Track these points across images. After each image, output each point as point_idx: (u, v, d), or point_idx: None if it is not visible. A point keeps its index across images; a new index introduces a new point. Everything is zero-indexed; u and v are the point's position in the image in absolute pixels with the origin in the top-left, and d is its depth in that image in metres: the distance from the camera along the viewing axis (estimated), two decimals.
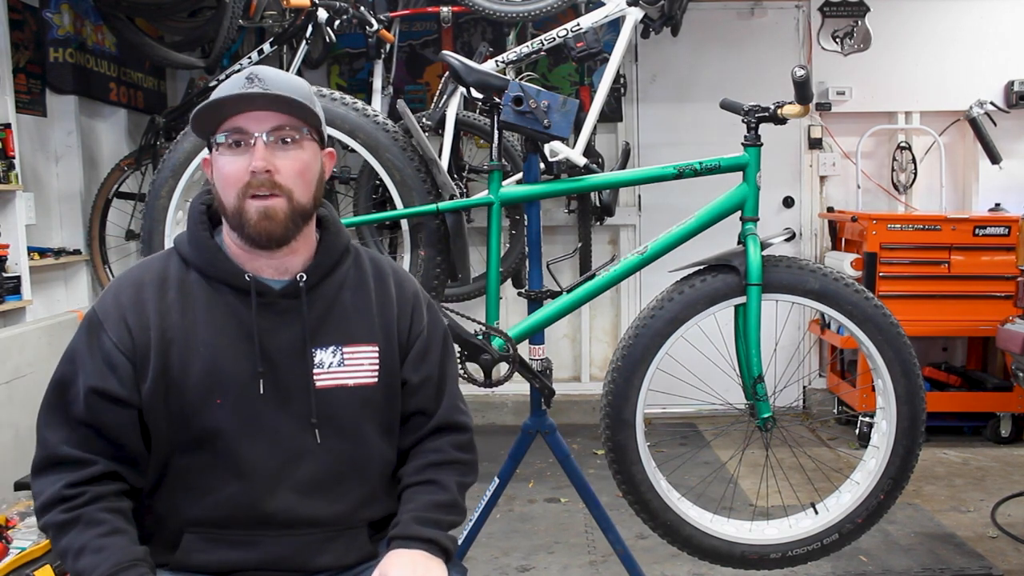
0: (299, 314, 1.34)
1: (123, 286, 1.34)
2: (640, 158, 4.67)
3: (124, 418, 1.28)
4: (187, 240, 1.37)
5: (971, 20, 4.63)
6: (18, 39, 3.42)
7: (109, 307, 1.32)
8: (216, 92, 1.33)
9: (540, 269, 2.22)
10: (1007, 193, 4.57)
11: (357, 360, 1.37)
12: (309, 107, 1.32)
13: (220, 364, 1.30)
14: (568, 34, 3.14)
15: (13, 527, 2.50)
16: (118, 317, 1.30)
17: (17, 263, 3.19)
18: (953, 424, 4.21)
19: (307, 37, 3.54)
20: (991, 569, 2.76)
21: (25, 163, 3.34)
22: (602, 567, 2.83)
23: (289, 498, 1.31)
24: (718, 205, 2.12)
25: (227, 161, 1.30)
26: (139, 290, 1.32)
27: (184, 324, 1.31)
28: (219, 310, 1.32)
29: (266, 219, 1.29)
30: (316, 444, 1.33)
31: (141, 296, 1.32)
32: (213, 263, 1.34)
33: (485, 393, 2.30)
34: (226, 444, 1.30)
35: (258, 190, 1.28)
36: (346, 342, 1.37)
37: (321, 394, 1.34)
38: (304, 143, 1.33)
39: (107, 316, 1.30)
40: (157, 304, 1.31)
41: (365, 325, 1.39)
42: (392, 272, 1.47)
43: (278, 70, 1.37)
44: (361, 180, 3.76)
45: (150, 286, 1.33)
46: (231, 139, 1.30)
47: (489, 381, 2.11)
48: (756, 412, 2.11)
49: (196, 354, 1.30)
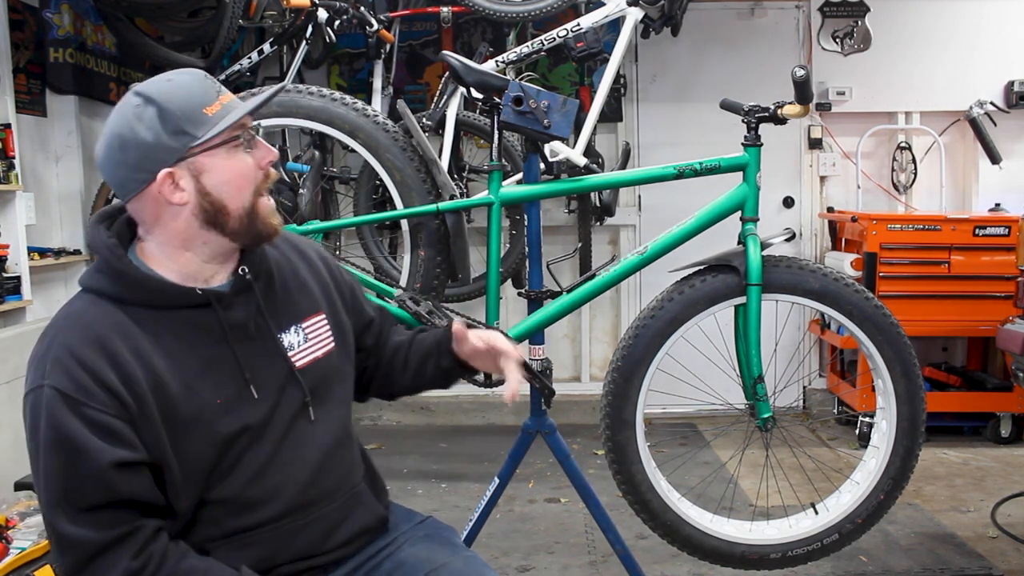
0: (256, 307, 1.34)
1: (75, 351, 1.18)
2: (640, 158, 4.67)
3: (146, 480, 1.20)
4: (113, 279, 1.25)
5: (971, 20, 4.62)
6: (18, 39, 3.42)
7: (74, 379, 1.17)
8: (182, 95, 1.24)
9: (540, 269, 2.22)
10: (1007, 193, 4.57)
11: (316, 331, 1.41)
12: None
13: (212, 385, 1.26)
14: (568, 34, 3.15)
15: (13, 527, 2.50)
16: (95, 384, 1.17)
17: (17, 263, 3.19)
18: (953, 424, 4.21)
19: (307, 37, 3.54)
20: (991, 569, 2.76)
21: (25, 163, 3.33)
22: (602, 567, 2.83)
23: (304, 481, 1.34)
24: (718, 205, 2.12)
25: (240, 161, 1.27)
26: (103, 347, 1.19)
27: (168, 361, 1.23)
28: (183, 334, 1.26)
29: (272, 215, 1.31)
30: (311, 422, 1.36)
31: (111, 351, 1.19)
32: (160, 294, 1.26)
33: (485, 393, 2.30)
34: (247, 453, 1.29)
35: (269, 184, 1.30)
36: (301, 319, 1.40)
37: (303, 372, 1.37)
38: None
39: (79, 389, 1.16)
40: (132, 354, 1.20)
41: (308, 297, 1.43)
42: (298, 240, 1.52)
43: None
44: (361, 180, 3.76)
45: (114, 338, 1.20)
46: (244, 136, 1.28)
47: (489, 381, 2.11)
48: (756, 412, 2.11)
49: (190, 386, 1.24)
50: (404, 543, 1.45)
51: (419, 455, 4.11)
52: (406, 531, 1.49)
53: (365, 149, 2.19)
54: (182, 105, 1.23)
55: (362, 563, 1.42)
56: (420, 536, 1.48)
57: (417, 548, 1.44)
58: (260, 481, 1.29)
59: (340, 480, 1.40)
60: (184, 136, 1.22)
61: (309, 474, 1.34)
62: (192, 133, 1.23)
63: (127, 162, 1.23)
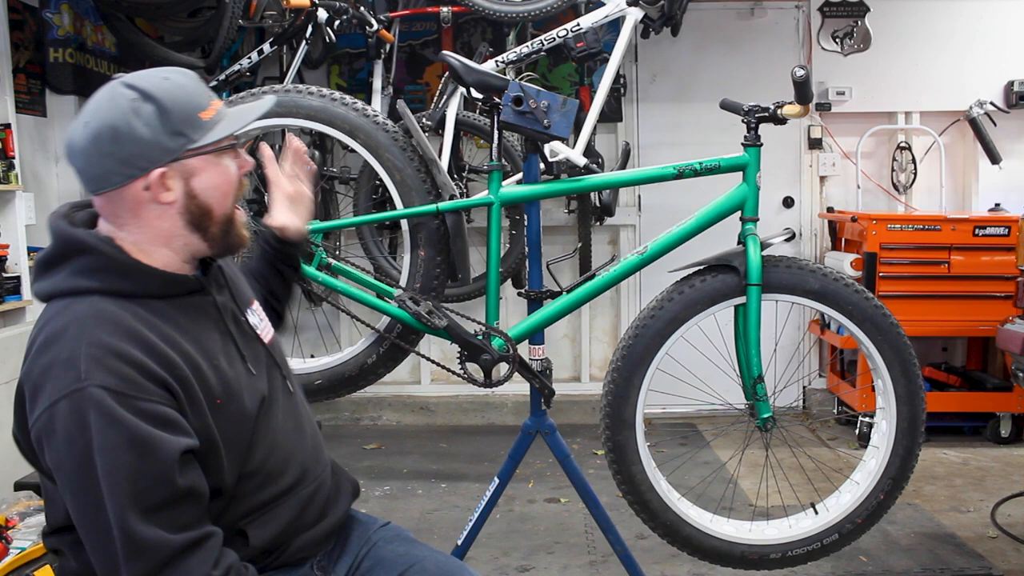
0: (229, 292, 1.39)
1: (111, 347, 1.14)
2: (640, 158, 4.67)
3: (199, 470, 1.19)
4: (119, 275, 1.22)
5: (971, 20, 4.62)
6: (18, 39, 3.42)
7: (119, 374, 1.13)
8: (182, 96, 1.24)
9: (540, 269, 2.21)
10: (1007, 193, 4.57)
11: (261, 313, 1.48)
12: None
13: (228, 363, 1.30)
14: (568, 34, 3.15)
15: (13, 527, 2.50)
16: (141, 376, 1.14)
17: (17, 263, 3.19)
18: (953, 424, 4.21)
19: (307, 37, 3.54)
20: (991, 569, 2.76)
21: (25, 163, 3.34)
22: (602, 567, 2.83)
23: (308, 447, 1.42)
24: (718, 205, 2.12)
25: (228, 166, 1.29)
26: (137, 338, 1.17)
27: (193, 344, 1.24)
28: (193, 318, 1.28)
29: (244, 225, 1.35)
30: (292, 394, 1.44)
31: (146, 341, 1.17)
32: (167, 281, 1.26)
33: (485, 393, 2.31)
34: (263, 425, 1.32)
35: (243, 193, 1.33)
36: (250, 302, 1.47)
37: (271, 348, 1.44)
38: None
39: (128, 384, 1.12)
40: (165, 341, 1.19)
41: (248, 282, 1.53)
42: None
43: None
44: (361, 180, 3.76)
45: (142, 328, 1.18)
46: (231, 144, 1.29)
47: (489, 381, 2.11)
48: (756, 412, 2.11)
49: (216, 366, 1.26)
50: (378, 541, 1.51)
51: (419, 455, 4.12)
52: (376, 531, 1.54)
53: (365, 149, 2.19)
54: (182, 106, 1.23)
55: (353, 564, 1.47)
56: (392, 536, 1.54)
57: (394, 546, 1.50)
58: (276, 451, 1.34)
59: (320, 447, 1.47)
60: (181, 138, 1.22)
61: (309, 440, 1.43)
62: (190, 136, 1.23)
63: (117, 155, 1.20)
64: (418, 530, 3.14)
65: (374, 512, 1.88)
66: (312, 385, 2.24)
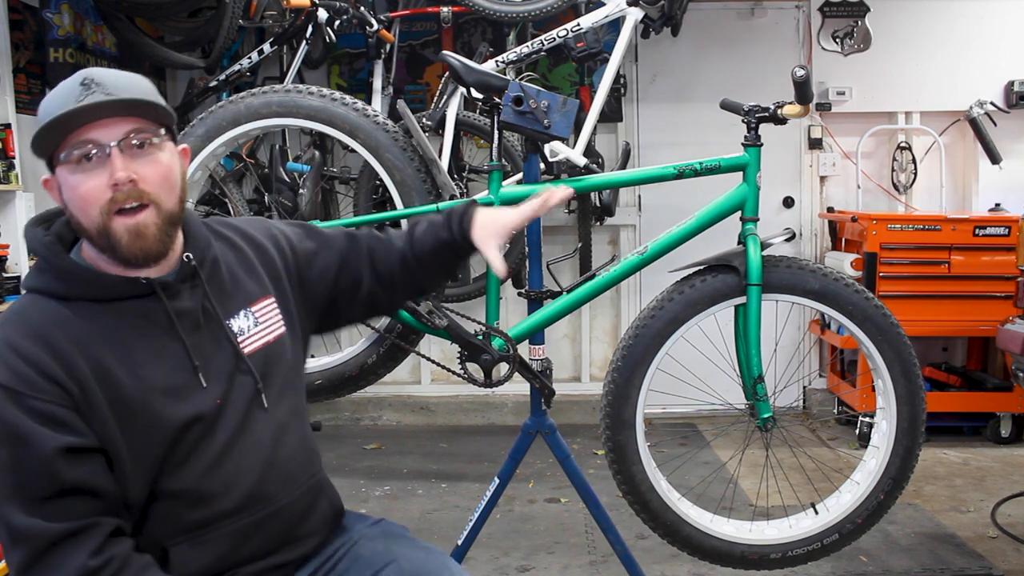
0: (203, 294, 1.32)
1: (14, 345, 1.18)
2: (640, 158, 4.66)
3: (97, 467, 1.18)
4: (55, 276, 1.25)
5: (971, 20, 4.62)
6: (18, 39, 3.42)
7: (15, 371, 1.16)
8: (48, 106, 1.22)
9: (540, 269, 2.22)
10: (1007, 193, 4.57)
11: (266, 315, 1.41)
12: (160, 105, 1.26)
13: (162, 374, 1.25)
14: (568, 34, 3.15)
15: None
16: (36, 375, 1.16)
17: (17, 263, 3.19)
18: (953, 424, 4.21)
19: (307, 37, 3.54)
20: (991, 569, 2.76)
21: (25, 163, 3.33)
22: (602, 567, 2.83)
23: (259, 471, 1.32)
24: (718, 205, 2.12)
25: (81, 179, 1.20)
26: (42, 339, 1.19)
27: (115, 350, 1.22)
28: (130, 324, 1.25)
29: (138, 238, 1.23)
30: (264, 410, 1.35)
31: (50, 342, 1.19)
32: (103, 286, 1.25)
33: (485, 393, 2.30)
34: (201, 443, 1.27)
35: (125, 203, 1.20)
36: (250, 303, 1.39)
37: (252, 358, 1.35)
38: (162, 144, 1.27)
39: (20, 381, 1.16)
40: (73, 342, 1.20)
41: (256, 281, 1.42)
42: (247, 225, 1.50)
43: (110, 69, 1.28)
44: (361, 180, 3.76)
45: (53, 330, 1.20)
46: (80, 154, 1.20)
47: (489, 381, 2.11)
48: (756, 412, 2.11)
49: (138, 375, 1.23)
50: (360, 539, 1.45)
51: (419, 455, 4.12)
52: (361, 529, 1.48)
53: (365, 149, 2.19)
54: (44, 114, 1.23)
55: (322, 563, 1.41)
56: (376, 533, 1.47)
57: (375, 543, 1.44)
58: (215, 472, 1.27)
59: (299, 468, 1.38)
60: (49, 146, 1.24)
61: (264, 463, 1.32)
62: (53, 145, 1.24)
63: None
64: (418, 530, 3.14)
65: (374, 512, 1.88)
66: (312, 385, 2.24)
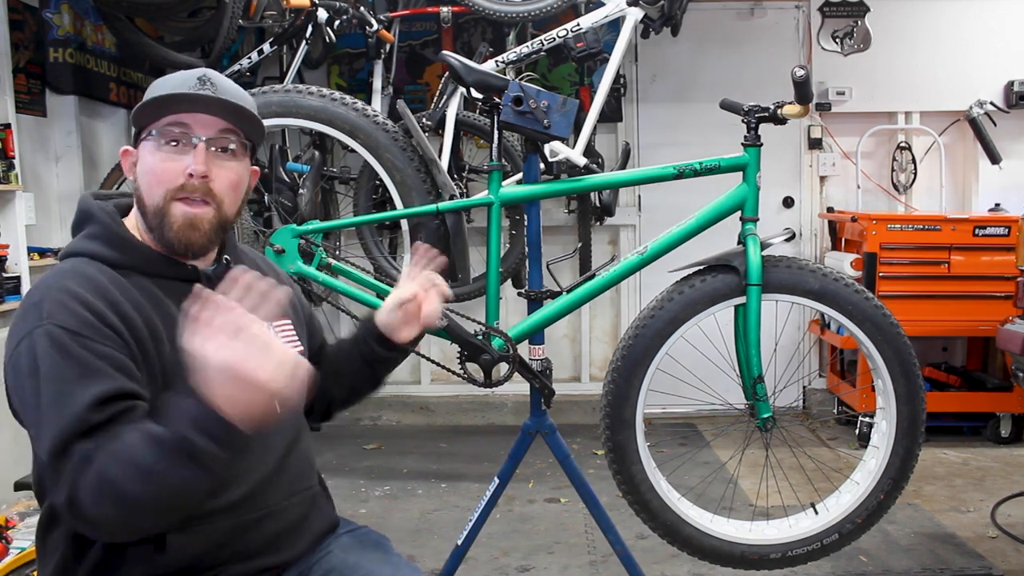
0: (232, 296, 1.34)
1: (77, 294, 1.18)
2: (640, 158, 4.67)
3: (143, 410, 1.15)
4: (109, 243, 1.28)
5: (971, 20, 4.63)
6: (18, 39, 3.42)
7: (79, 317, 1.16)
8: (162, 86, 1.28)
9: (540, 269, 2.22)
10: (1007, 193, 4.57)
11: (285, 332, 1.44)
12: (257, 121, 1.32)
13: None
14: (568, 34, 3.15)
15: (13, 527, 2.50)
16: (98, 323, 1.16)
17: (17, 263, 3.19)
18: (953, 424, 4.21)
19: (307, 37, 3.54)
20: (991, 569, 2.76)
21: (25, 163, 3.33)
22: (602, 567, 2.83)
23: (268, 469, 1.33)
24: (718, 205, 2.12)
25: (162, 158, 1.26)
26: (104, 295, 1.20)
27: (162, 321, 1.24)
28: (174, 302, 1.26)
29: (190, 228, 1.27)
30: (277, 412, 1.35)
31: (109, 298, 1.20)
32: (154, 261, 1.29)
33: (485, 393, 2.30)
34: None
35: (192, 194, 1.26)
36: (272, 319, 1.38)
37: None
38: (241, 156, 1.32)
39: (84, 325, 1.15)
40: (130, 302, 1.22)
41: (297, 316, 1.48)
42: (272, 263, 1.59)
43: (227, 78, 1.34)
44: (361, 180, 3.76)
45: (113, 290, 1.22)
46: (171, 136, 1.26)
47: (489, 381, 2.11)
48: (756, 412, 2.11)
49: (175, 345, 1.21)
50: (335, 549, 1.44)
51: (419, 455, 4.12)
52: (339, 536, 1.47)
53: (365, 149, 2.19)
54: (155, 91, 1.29)
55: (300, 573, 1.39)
56: (350, 543, 1.46)
57: (347, 554, 1.42)
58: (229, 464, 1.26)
59: (299, 476, 1.40)
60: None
61: (275, 465, 1.34)
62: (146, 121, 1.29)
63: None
64: (418, 530, 3.15)
65: (374, 512, 1.88)
66: None
